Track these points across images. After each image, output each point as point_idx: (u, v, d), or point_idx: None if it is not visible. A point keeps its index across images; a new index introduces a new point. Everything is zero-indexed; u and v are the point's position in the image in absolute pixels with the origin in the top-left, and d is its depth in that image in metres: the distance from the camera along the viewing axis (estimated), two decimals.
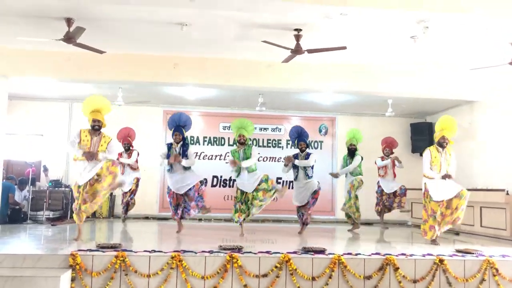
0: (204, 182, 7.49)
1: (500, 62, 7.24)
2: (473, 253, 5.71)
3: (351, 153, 8.74)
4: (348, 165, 8.67)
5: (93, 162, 6.19)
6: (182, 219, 7.43)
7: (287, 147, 11.54)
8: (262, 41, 6.79)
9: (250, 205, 7.19)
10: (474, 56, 7.94)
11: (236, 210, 7.25)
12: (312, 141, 11.72)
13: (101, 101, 6.40)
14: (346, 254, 5.38)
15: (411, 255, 5.50)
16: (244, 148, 7.34)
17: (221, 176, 11.43)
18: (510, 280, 5.43)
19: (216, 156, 11.49)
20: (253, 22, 6.59)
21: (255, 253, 5.29)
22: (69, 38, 6.42)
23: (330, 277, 5.14)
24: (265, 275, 5.08)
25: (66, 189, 10.13)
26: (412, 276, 5.29)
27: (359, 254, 5.44)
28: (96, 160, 6.19)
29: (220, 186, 11.44)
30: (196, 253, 5.21)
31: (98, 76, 8.52)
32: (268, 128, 11.76)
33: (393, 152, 9.37)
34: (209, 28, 6.92)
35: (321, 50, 6.89)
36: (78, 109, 10.98)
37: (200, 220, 10.49)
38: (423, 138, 11.37)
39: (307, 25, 6.60)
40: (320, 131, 11.93)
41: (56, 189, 10.05)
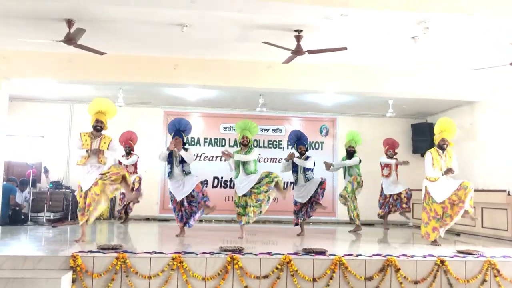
0: (205, 183, 7.46)
1: (501, 63, 7.24)
2: (474, 254, 5.71)
3: (350, 155, 8.76)
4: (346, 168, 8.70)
5: (97, 165, 6.19)
6: (187, 226, 7.22)
7: (288, 148, 11.51)
8: (263, 42, 6.79)
9: (248, 208, 7.18)
10: (475, 57, 7.93)
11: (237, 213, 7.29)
12: (313, 142, 11.73)
13: (108, 105, 6.47)
14: (347, 255, 5.38)
15: (412, 256, 5.50)
16: (246, 150, 7.34)
17: (222, 177, 11.42)
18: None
19: (217, 157, 11.47)
20: (254, 23, 6.59)
21: (256, 254, 5.30)
22: (70, 40, 6.42)
23: (331, 278, 5.14)
24: (266, 277, 5.08)
25: (67, 191, 10.13)
26: (413, 277, 5.29)
27: (360, 255, 5.44)
28: (101, 158, 6.19)
29: (221, 187, 11.44)
30: (197, 255, 5.21)
31: (99, 77, 8.51)
32: (269, 129, 11.75)
33: (396, 153, 9.37)
34: (210, 29, 6.91)
35: (322, 51, 6.88)
36: (79, 111, 11.13)
37: (201, 221, 10.46)
38: (424, 139, 11.36)
39: (308, 26, 6.59)
40: (321, 132, 11.93)
41: (57, 191, 10.06)
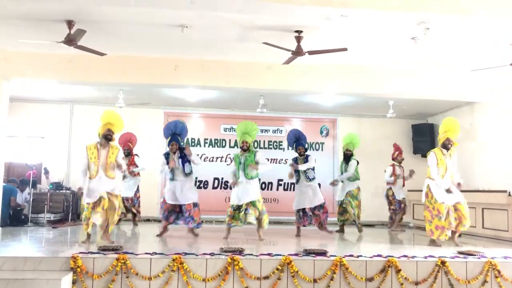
0: (198, 205, 7.47)
1: (501, 63, 7.24)
2: (475, 255, 5.70)
3: (347, 158, 8.75)
4: (344, 171, 8.73)
5: (105, 178, 6.24)
6: (172, 224, 7.43)
7: (288, 149, 11.46)
8: (263, 43, 6.79)
9: (244, 215, 7.21)
10: (475, 57, 7.93)
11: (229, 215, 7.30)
12: (313, 143, 11.74)
13: (120, 119, 6.52)
14: (348, 256, 5.38)
15: (413, 257, 5.49)
16: (246, 155, 7.27)
17: (222, 178, 11.40)
18: None
19: (217, 158, 11.48)
20: (254, 24, 6.58)
21: (256, 255, 5.29)
22: (70, 41, 6.43)
23: (332, 279, 5.13)
24: (267, 278, 5.08)
25: (67, 192, 10.13)
26: (414, 278, 5.28)
27: (361, 256, 5.43)
28: (110, 173, 6.26)
29: (221, 188, 11.42)
30: (197, 256, 5.21)
31: (99, 78, 8.51)
32: (269, 130, 11.74)
33: (403, 158, 9.49)
34: (210, 30, 6.91)
35: (322, 52, 6.88)
36: (79, 111, 11.16)
37: (201, 222, 10.45)
38: (425, 140, 11.36)
39: (308, 27, 6.59)
40: (321, 133, 11.92)
41: (57, 192, 10.06)
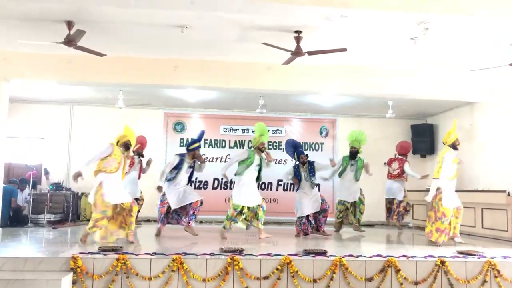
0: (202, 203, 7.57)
1: (501, 63, 7.24)
2: (475, 255, 5.71)
3: (353, 156, 8.68)
4: (349, 166, 8.64)
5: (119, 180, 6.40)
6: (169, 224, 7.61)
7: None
8: (263, 43, 6.79)
9: (250, 219, 7.32)
10: (475, 57, 7.93)
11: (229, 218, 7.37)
12: (313, 143, 11.75)
13: (134, 137, 6.77)
14: (348, 256, 5.39)
15: (413, 257, 5.50)
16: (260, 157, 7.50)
17: (222, 179, 11.33)
18: None
19: (217, 159, 11.47)
20: (254, 24, 6.58)
21: (256, 256, 5.30)
22: (70, 41, 6.43)
23: (332, 279, 5.14)
24: (266, 278, 5.09)
25: (67, 192, 10.13)
26: (414, 278, 5.29)
27: (361, 256, 5.45)
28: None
29: (221, 189, 11.42)
30: (197, 256, 5.22)
31: (99, 79, 8.51)
32: (269, 130, 11.65)
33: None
34: (209, 30, 6.91)
35: (322, 52, 6.88)
36: (79, 112, 11.17)
37: (201, 223, 10.47)
38: (424, 140, 11.37)
39: (308, 27, 6.59)
40: (321, 133, 11.92)
41: (57, 192, 10.07)
